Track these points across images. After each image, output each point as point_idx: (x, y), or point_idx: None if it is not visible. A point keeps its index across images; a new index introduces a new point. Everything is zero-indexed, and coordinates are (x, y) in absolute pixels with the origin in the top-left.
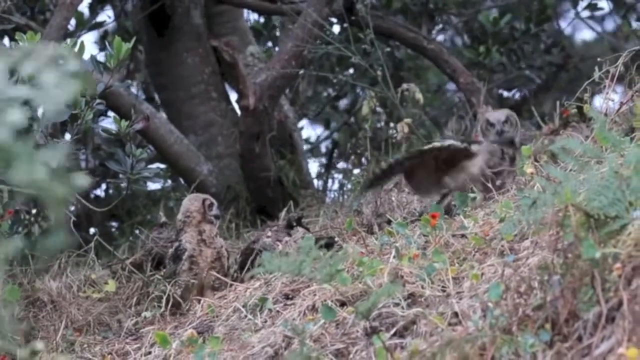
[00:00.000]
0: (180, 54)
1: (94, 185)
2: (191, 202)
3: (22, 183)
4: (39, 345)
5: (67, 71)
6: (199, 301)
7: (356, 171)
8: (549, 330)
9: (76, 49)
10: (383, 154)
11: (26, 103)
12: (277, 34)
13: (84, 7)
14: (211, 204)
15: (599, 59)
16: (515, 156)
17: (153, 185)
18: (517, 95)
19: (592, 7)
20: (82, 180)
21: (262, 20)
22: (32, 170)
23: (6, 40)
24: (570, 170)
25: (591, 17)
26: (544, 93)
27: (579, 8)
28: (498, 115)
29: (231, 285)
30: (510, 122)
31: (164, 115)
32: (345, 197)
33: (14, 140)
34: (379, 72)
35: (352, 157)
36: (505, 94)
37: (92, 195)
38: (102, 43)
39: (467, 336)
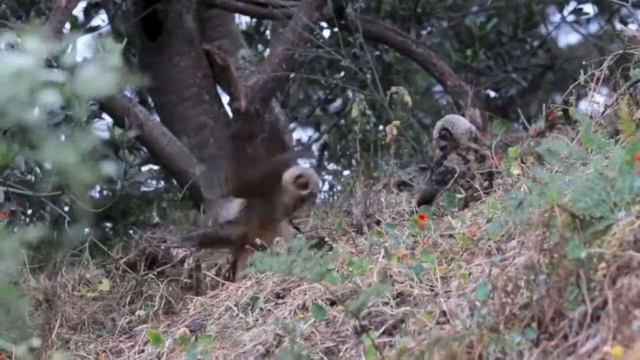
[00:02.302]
0: (173, 57)
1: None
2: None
3: (49, 165)
4: (36, 342)
5: (107, 65)
6: (191, 300)
7: (346, 172)
8: (535, 328)
9: (69, 50)
10: (372, 155)
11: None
12: (269, 37)
13: (78, 11)
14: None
15: (584, 62)
16: (484, 155)
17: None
18: (504, 97)
19: (577, 12)
20: (110, 168)
21: (253, 24)
22: (61, 153)
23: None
24: (556, 171)
25: (576, 22)
26: (531, 95)
27: (565, 12)
28: (435, 133)
29: (223, 284)
30: (445, 136)
31: (157, 117)
32: (335, 198)
33: (46, 121)
34: (368, 75)
35: (342, 158)
36: (493, 94)
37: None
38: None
39: (455, 334)
